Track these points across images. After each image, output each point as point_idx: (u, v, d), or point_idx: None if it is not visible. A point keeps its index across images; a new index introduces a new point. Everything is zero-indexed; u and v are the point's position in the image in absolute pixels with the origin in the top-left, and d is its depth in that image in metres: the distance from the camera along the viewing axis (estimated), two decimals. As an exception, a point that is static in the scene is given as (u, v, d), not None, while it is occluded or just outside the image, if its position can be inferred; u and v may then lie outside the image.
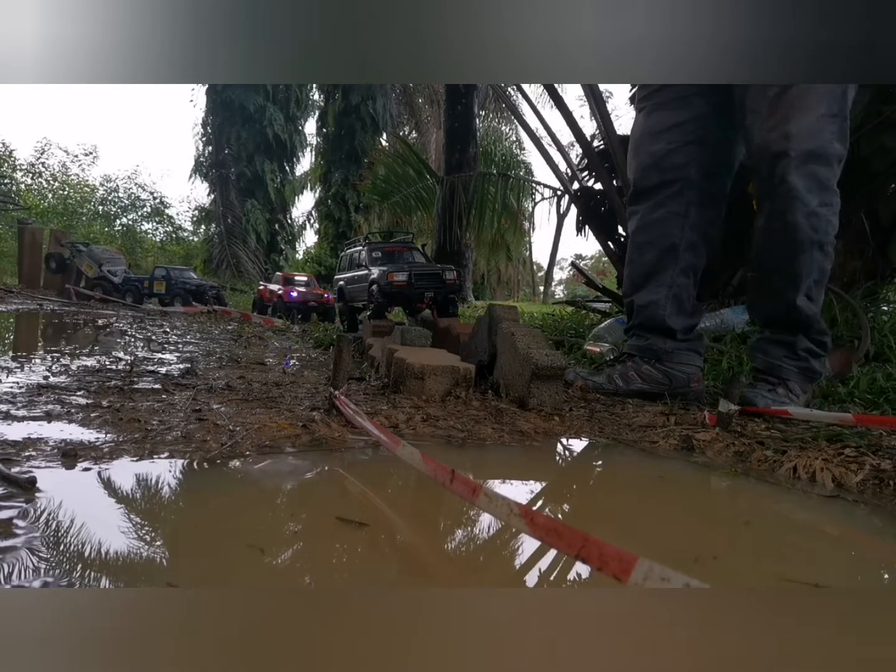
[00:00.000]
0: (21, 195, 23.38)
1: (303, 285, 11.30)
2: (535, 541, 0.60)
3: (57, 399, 1.60)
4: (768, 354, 1.98)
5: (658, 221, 2.11)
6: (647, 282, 2.16)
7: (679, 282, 2.12)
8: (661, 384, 2.11)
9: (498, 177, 6.32)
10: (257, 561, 0.76)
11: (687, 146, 2.04)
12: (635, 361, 2.17)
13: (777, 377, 1.94)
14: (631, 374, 2.15)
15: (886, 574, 0.93)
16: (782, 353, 1.95)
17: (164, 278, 13.00)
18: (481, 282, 28.88)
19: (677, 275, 2.11)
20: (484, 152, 17.85)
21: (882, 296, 3.38)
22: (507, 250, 23.87)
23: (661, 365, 2.13)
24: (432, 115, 23.33)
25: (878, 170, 3.08)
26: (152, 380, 2.05)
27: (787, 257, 1.85)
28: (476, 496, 0.73)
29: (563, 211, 6.34)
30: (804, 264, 1.83)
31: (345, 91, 22.53)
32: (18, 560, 0.69)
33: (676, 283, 2.12)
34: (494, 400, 1.87)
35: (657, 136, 2.09)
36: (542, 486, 1.25)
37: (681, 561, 0.84)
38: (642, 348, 2.17)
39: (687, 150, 2.04)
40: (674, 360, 2.12)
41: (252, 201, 23.06)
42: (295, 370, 2.63)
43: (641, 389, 2.13)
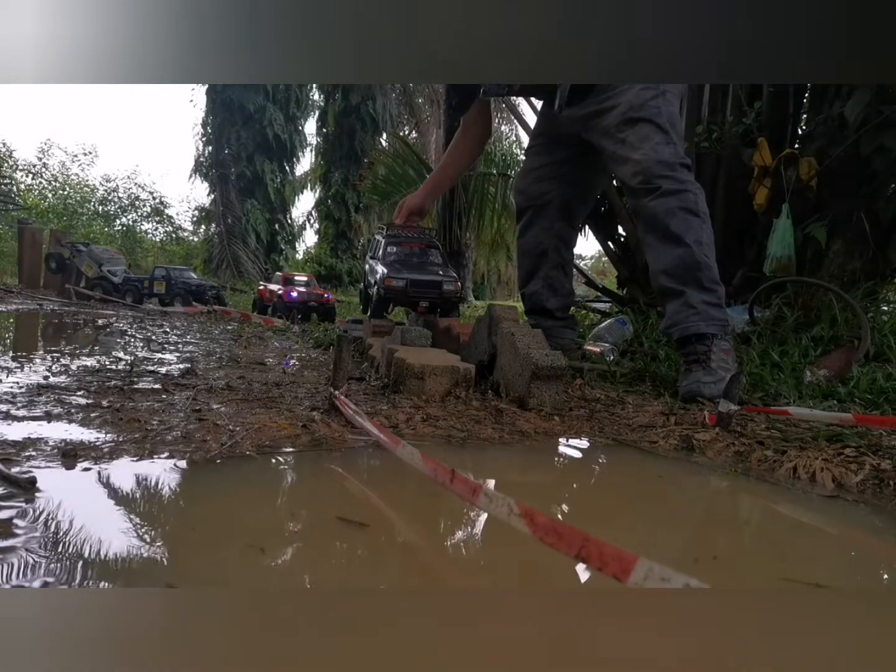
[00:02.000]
0: (21, 195, 23.37)
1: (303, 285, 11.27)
2: (535, 541, 0.60)
3: (57, 399, 1.60)
4: (676, 323, 2.20)
5: (532, 235, 2.87)
6: (530, 278, 2.92)
7: (551, 275, 2.87)
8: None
9: (498, 177, 6.32)
10: (257, 561, 0.76)
11: (549, 180, 2.80)
12: None
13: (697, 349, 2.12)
14: None
15: (886, 574, 0.93)
16: (684, 312, 2.18)
17: (164, 278, 12.99)
18: (481, 282, 28.83)
19: (550, 269, 2.86)
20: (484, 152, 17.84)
21: (882, 296, 3.38)
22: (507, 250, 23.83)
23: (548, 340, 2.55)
24: (432, 115, 23.31)
25: (878, 170, 3.08)
26: (152, 380, 2.05)
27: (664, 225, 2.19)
28: (476, 496, 0.73)
29: (563, 211, 6.33)
30: (679, 226, 2.18)
31: (345, 91, 22.47)
32: (18, 560, 0.69)
33: (549, 276, 2.87)
34: (494, 400, 1.87)
35: (529, 172, 2.88)
36: (542, 486, 1.25)
37: (681, 561, 0.84)
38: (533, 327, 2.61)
39: (549, 184, 2.80)
40: (555, 334, 2.73)
41: (252, 201, 23.01)
42: (295, 370, 2.63)
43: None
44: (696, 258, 2.18)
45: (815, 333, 2.90)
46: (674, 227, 2.18)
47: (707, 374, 2.06)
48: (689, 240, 2.18)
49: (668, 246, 2.23)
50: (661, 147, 2.24)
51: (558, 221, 2.83)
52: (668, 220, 2.19)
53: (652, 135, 2.25)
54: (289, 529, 0.89)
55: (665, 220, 2.20)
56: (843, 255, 3.36)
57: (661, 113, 2.29)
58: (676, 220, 2.19)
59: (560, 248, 2.88)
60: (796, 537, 1.04)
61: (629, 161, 2.28)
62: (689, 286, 2.20)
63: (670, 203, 2.20)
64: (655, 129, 2.25)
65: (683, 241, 2.18)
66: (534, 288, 2.90)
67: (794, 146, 3.62)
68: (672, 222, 2.19)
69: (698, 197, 2.24)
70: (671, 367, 2.62)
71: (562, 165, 2.77)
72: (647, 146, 2.25)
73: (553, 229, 2.83)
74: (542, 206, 2.82)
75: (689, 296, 2.19)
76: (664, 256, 2.25)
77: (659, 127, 2.26)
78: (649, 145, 2.24)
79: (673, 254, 2.21)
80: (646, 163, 2.23)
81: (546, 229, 2.84)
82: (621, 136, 2.31)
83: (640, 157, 2.24)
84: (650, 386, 2.38)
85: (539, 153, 2.86)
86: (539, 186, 2.82)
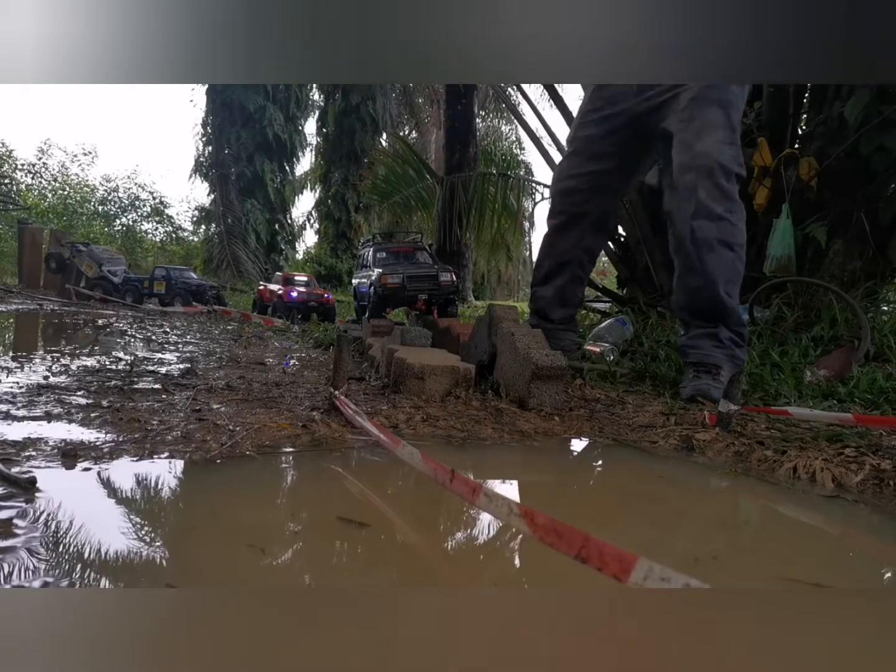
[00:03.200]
0: (21, 195, 23.36)
1: (303, 285, 11.27)
2: (535, 541, 0.60)
3: (57, 399, 1.60)
4: (699, 348, 2.26)
5: (561, 240, 2.78)
6: (545, 281, 2.84)
7: (567, 287, 2.81)
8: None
9: (498, 177, 6.31)
10: (257, 561, 0.76)
11: (590, 190, 2.65)
12: None
13: (711, 365, 2.19)
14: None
15: (886, 574, 0.93)
16: (710, 343, 2.24)
17: (164, 278, 13.00)
18: (481, 282, 28.84)
19: (567, 282, 2.80)
20: (484, 152, 17.85)
21: (882, 296, 3.38)
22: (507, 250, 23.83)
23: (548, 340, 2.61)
24: (432, 115, 23.30)
25: (878, 170, 3.08)
26: (152, 380, 2.05)
27: (700, 258, 2.20)
28: (476, 496, 0.73)
29: (563, 211, 6.33)
30: (714, 262, 2.18)
31: (345, 91, 22.49)
32: (18, 560, 0.69)
33: (564, 288, 2.81)
34: (494, 400, 1.87)
35: (572, 177, 2.70)
36: (542, 486, 1.25)
37: (681, 561, 0.84)
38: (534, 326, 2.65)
39: (589, 193, 2.65)
40: (554, 337, 2.70)
41: (252, 201, 23.03)
42: (295, 370, 2.63)
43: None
44: (723, 304, 2.21)
45: (815, 333, 2.90)
46: (709, 265, 2.18)
47: (716, 381, 2.12)
48: (720, 280, 2.19)
49: (699, 280, 2.23)
50: (724, 147, 2.17)
51: (590, 234, 2.75)
52: (703, 253, 2.18)
53: (718, 125, 2.18)
54: (289, 529, 0.89)
55: (700, 252, 2.18)
56: (843, 255, 3.36)
57: (733, 103, 2.21)
58: (713, 255, 2.17)
59: (584, 263, 2.83)
60: (796, 537, 1.04)
61: (689, 150, 2.21)
62: (716, 323, 2.24)
63: (709, 232, 2.16)
64: (725, 119, 2.19)
65: (715, 282, 2.19)
66: (544, 293, 2.86)
67: (794, 146, 3.63)
68: (708, 258, 2.17)
69: (736, 227, 2.21)
70: (671, 367, 2.62)
71: (608, 176, 2.64)
72: (710, 139, 2.17)
73: (583, 242, 2.74)
74: (577, 215, 2.72)
75: (720, 331, 2.23)
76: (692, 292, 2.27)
77: (728, 118, 2.20)
78: (713, 139, 2.17)
79: (703, 294, 2.23)
80: (704, 159, 2.16)
81: (576, 241, 2.75)
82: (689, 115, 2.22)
83: (701, 149, 2.17)
84: (650, 386, 2.38)
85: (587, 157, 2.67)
86: (580, 195, 2.69)
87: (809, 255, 3.42)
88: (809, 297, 3.26)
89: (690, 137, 2.21)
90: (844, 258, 3.35)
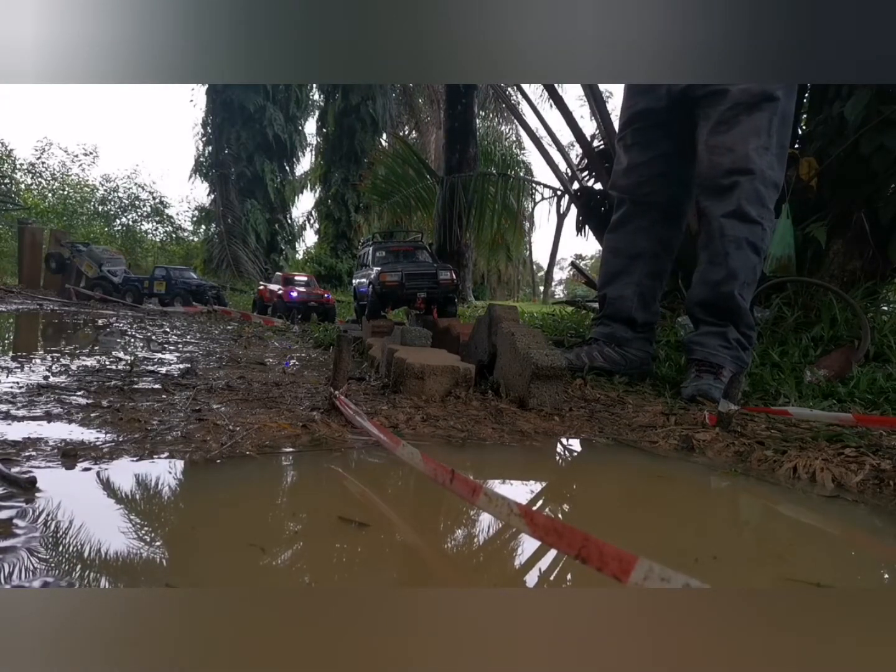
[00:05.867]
0: (21, 195, 23.35)
1: (303, 285, 11.27)
2: (535, 541, 0.60)
3: (57, 399, 1.60)
4: (705, 346, 2.26)
5: (627, 232, 2.61)
6: (616, 279, 2.62)
7: (646, 283, 2.58)
8: (617, 364, 2.54)
9: (498, 177, 6.31)
10: (257, 561, 0.76)
11: (655, 179, 2.53)
12: (599, 344, 2.58)
13: (714, 364, 2.22)
14: (595, 354, 2.55)
15: (886, 574, 0.93)
16: (718, 342, 2.25)
17: (164, 278, 12.99)
18: (481, 282, 28.85)
19: (645, 276, 2.58)
20: (484, 152, 17.83)
21: (882, 296, 3.38)
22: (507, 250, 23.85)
23: (621, 349, 2.54)
24: (432, 115, 23.31)
25: (878, 170, 3.08)
26: (152, 380, 2.05)
27: (726, 252, 2.20)
28: (476, 496, 0.73)
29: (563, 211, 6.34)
30: (738, 259, 2.19)
31: (345, 91, 22.48)
32: (18, 560, 0.69)
33: (643, 284, 2.58)
34: (494, 400, 1.87)
35: (633, 169, 2.59)
36: (542, 486, 1.25)
37: (681, 561, 0.84)
38: (607, 334, 2.59)
39: (655, 183, 2.54)
40: (632, 346, 2.56)
41: (252, 201, 23.02)
42: (295, 370, 2.63)
43: (602, 367, 2.52)
44: (738, 303, 2.22)
45: (815, 333, 2.90)
46: (733, 261, 2.19)
47: (717, 381, 2.14)
48: (740, 279, 2.20)
49: (721, 273, 2.22)
50: (763, 154, 2.17)
51: (661, 224, 2.56)
52: (731, 249, 2.18)
53: (758, 132, 2.17)
54: (289, 529, 0.89)
55: (728, 247, 2.18)
56: (843, 255, 3.36)
57: (777, 110, 2.19)
58: (740, 253, 2.18)
59: (660, 255, 2.59)
60: (796, 537, 1.04)
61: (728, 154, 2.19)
62: (727, 323, 2.25)
63: (740, 231, 2.18)
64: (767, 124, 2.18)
65: (736, 277, 2.20)
66: (621, 292, 2.58)
67: (794, 146, 3.62)
68: (734, 254, 2.18)
69: (766, 233, 2.23)
70: (671, 367, 2.62)
71: (669, 160, 2.50)
72: (748, 147, 2.16)
73: (653, 231, 2.55)
74: (644, 205, 2.56)
75: (728, 331, 2.25)
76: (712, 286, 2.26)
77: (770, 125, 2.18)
78: (752, 146, 2.16)
79: (722, 289, 2.23)
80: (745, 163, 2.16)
81: (644, 230, 2.56)
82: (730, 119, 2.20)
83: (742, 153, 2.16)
84: (650, 386, 2.38)
85: (642, 147, 2.56)
86: (646, 185, 2.55)
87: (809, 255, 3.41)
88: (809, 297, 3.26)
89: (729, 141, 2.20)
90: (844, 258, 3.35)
